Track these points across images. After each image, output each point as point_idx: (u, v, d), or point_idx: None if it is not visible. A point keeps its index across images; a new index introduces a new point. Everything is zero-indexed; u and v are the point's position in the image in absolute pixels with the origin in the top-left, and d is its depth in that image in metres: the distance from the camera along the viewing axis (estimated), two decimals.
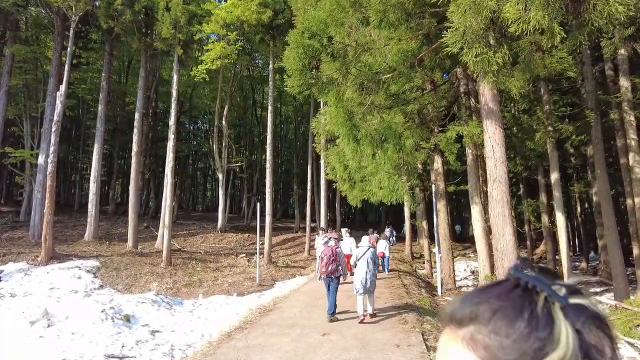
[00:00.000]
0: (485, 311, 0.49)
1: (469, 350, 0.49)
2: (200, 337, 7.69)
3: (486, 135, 7.24)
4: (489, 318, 0.48)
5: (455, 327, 0.51)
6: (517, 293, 0.49)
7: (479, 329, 0.49)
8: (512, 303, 0.48)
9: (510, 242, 6.77)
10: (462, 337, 0.50)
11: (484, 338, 0.48)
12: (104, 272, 16.45)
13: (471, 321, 0.50)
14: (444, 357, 0.52)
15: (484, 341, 0.48)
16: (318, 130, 10.44)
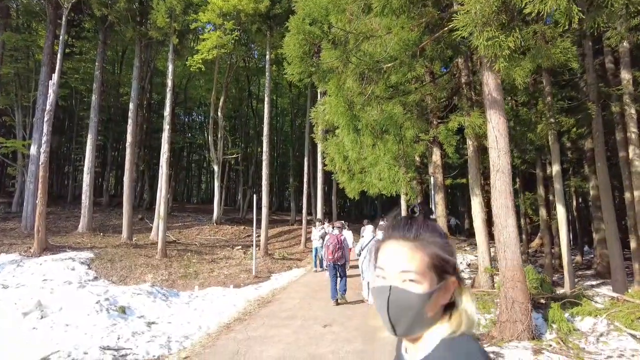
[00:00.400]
0: (423, 232, 0.91)
1: (429, 254, 0.89)
2: (197, 329, 7.57)
3: (489, 125, 7.12)
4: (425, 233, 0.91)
5: (409, 242, 0.90)
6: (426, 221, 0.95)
7: (426, 239, 0.90)
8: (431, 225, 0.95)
9: (513, 234, 6.69)
10: (414, 245, 0.90)
11: (426, 244, 0.90)
12: (98, 263, 16.26)
13: (416, 237, 0.91)
14: (407, 262, 0.88)
15: (426, 245, 0.89)
16: (317, 121, 10.28)
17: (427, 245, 0.89)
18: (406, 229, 0.91)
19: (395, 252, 0.89)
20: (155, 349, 6.37)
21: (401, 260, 0.87)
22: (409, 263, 0.87)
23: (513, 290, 6.51)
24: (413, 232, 0.90)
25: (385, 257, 0.91)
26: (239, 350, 4.98)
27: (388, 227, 0.96)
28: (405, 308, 0.85)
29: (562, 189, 10.23)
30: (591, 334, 6.54)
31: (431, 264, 0.87)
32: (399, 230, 0.92)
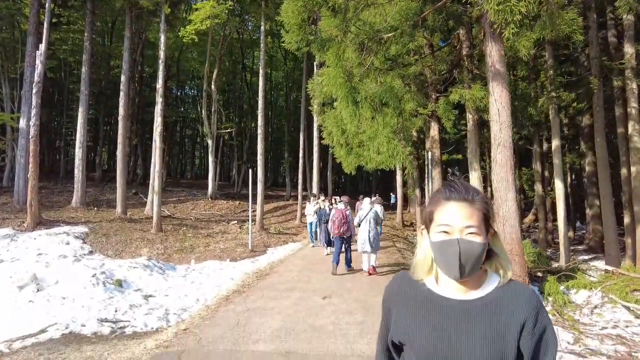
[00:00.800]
0: (475, 193, 1.10)
1: (482, 210, 1.08)
2: (195, 302, 7.58)
3: (492, 98, 6.98)
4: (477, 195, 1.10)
5: (468, 202, 1.08)
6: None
7: (479, 200, 1.09)
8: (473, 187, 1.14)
9: (513, 208, 6.67)
10: (472, 205, 1.08)
11: (479, 203, 1.08)
12: (93, 238, 16.19)
13: (473, 199, 1.09)
14: (469, 218, 1.06)
15: (479, 204, 1.08)
16: (314, 93, 10.03)
17: (480, 204, 1.08)
18: (464, 192, 1.09)
19: (459, 211, 1.06)
20: (153, 321, 6.37)
21: (465, 217, 1.05)
22: (470, 219, 1.05)
23: (511, 263, 6.53)
24: (470, 194, 1.09)
25: (449, 215, 1.07)
26: (238, 321, 4.97)
27: (446, 190, 1.12)
28: (471, 255, 1.03)
29: (560, 163, 10.19)
30: (586, 306, 6.63)
31: (483, 219, 1.08)
32: (458, 192, 1.09)
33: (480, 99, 8.31)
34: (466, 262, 1.03)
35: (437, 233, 1.07)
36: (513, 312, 1.05)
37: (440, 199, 1.11)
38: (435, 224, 1.09)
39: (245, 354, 3.92)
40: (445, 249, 1.05)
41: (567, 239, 9.97)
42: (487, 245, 1.09)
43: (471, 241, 1.04)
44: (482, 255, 1.05)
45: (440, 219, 1.08)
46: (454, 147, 21.96)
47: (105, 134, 34.62)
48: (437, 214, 1.10)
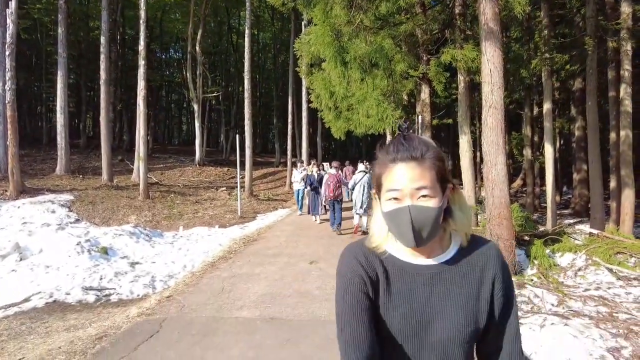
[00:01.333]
0: (425, 149, 0.96)
1: (434, 167, 0.95)
2: (182, 268, 7.51)
3: (484, 57, 6.72)
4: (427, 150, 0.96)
5: (417, 161, 0.95)
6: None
7: (429, 156, 0.95)
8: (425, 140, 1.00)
9: (502, 172, 6.57)
10: (421, 163, 0.94)
11: (430, 160, 0.95)
12: (79, 206, 15.95)
13: (422, 156, 0.95)
14: (419, 180, 0.93)
15: (430, 161, 0.95)
16: (301, 53, 9.61)
17: (431, 161, 0.95)
18: (411, 149, 0.95)
19: (407, 173, 0.94)
20: (139, 288, 6.30)
21: (414, 179, 0.93)
22: (421, 181, 0.93)
23: (499, 227, 6.52)
24: (419, 151, 0.95)
25: (396, 179, 0.94)
26: (223, 288, 4.90)
27: (391, 149, 0.98)
28: (426, 222, 0.92)
29: (551, 127, 10.07)
30: (570, 268, 6.70)
31: (437, 177, 0.95)
32: (404, 151, 0.96)
33: (472, 59, 8.04)
34: (421, 229, 0.93)
35: (387, 201, 0.96)
36: (483, 269, 1.01)
37: (386, 161, 0.98)
38: (384, 189, 0.97)
39: (228, 320, 3.86)
40: (397, 218, 0.94)
41: (554, 203, 10.02)
42: (447, 204, 1.00)
43: (424, 206, 0.93)
44: (438, 219, 0.95)
45: (387, 184, 0.96)
46: (445, 112, 21.71)
47: (89, 100, 33.52)
48: (384, 178, 0.98)
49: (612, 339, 4.44)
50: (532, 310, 5.01)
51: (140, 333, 3.64)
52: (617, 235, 7.31)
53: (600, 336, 4.46)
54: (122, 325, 3.92)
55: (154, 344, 3.40)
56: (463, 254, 1.02)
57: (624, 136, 10.31)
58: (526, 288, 5.42)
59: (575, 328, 4.55)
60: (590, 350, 4.22)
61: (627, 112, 10.23)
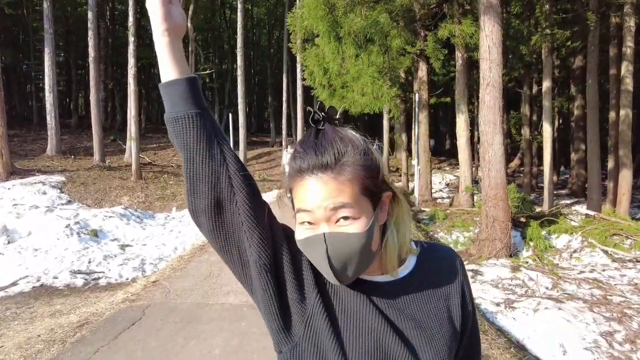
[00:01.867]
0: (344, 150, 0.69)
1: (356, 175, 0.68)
2: (173, 251, 7.40)
3: (482, 33, 6.45)
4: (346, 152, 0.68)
5: (329, 170, 0.67)
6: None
7: (349, 162, 0.68)
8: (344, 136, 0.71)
9: (499, 152, 6.41)
10: (337, 174, 0.67)
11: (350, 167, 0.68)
12: (70, 187, 15.76)
13: (339, 161, 0.68)
14: (336, 196, 0.66)
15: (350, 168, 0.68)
16: (294, 28, 9.25)
17: (353, 168, 0.69)
18: (320, 153, 0.69)
19: (318, 188, 0.68)
20: (128, 272, 6.18)
21: (328, 196, 0.67)
22: (339, 197, 0.68)
23: (495, 208, 6.40)
24: (330, 156, 0.68)
25: (306, 196, 0.68)
26: (211, 272, 4.79)
27: (297, 154, 0.71)
28: (348, 254, 0.68)
29: (550, 106, 9.85)
30: (565, 250, 6.63)
31: (362, 189, 0.70)
32: (311, 157, 0.69)
33: (471, 35, 7.75)
34: (343, 263, 0.68)
35: (300, 225, 0.70)
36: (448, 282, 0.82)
37: (294, 172, 0.70)
38: (296, 209, 0.71)
39: (213, 307, 3.74)
40: (310, 250, 0.70)
41: (552, 184, 9.90)
42: (383, 217, 0.75)
43: (344, 233, 0.68)
44: (366, 248, 0.69)
45: (297, 201, 0.70)
46: (442, 90, 21.38)
47: (79, 78, 32.79)
48: (295, 192, 0.71)
49: (606, 323, 4.38)
50: (527, 293, 4.94)
51: (123, 320, 3.52)
52: (613, 217, 7.22)
53: (593, 320, 4.40)
54: (105, 312, 3.81)
55: (135, 332, 3.28)
56: (424, 265, 0.81)
57: (623, 115, 10.12)
58: (521, 271, 5.34)
59: (569, 312, 4.47)
60: (584, 334, 4.15)
61: (628, 90, 10.01)
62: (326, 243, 0.67)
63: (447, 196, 18.45)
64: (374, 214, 0.71)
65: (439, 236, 7.60)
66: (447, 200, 16.29)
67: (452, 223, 7.90)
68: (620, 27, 10.32)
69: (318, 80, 9.25)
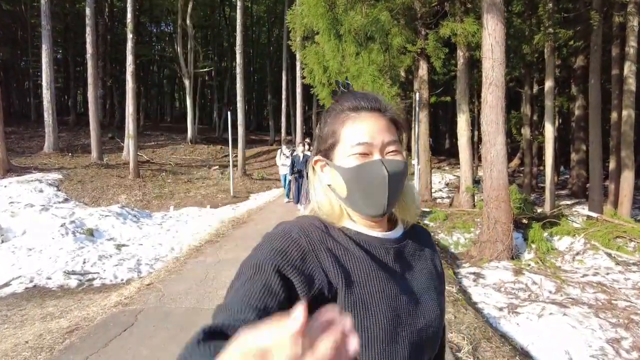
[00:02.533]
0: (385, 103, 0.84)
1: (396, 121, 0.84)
2: (169, 251, 7.28)
3: (485, 32, 6.33)
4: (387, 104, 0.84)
5: (381, 113, 0.82)
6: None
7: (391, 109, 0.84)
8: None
9: (502, 152, 6.29)
10: (390, 118, 0.83)
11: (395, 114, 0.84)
12: (67, 185, 15.64)
13: (385, 109, 0.83)
14: (387, 131, 0.81)
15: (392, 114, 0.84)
16: (294, 25, 9.11)
17: (393, 114, 0.84)
18: (373, 100, 0.83)
19: (376, 124, 0.81)
20: (123, 272, 6.06)
21: (383, 131, 0.81)
22: (389, 133, 0.82)
23: (496, 210, 6.29)
24: (381, 101, 0.84)
25: (365, 130, 0.80)
26: (207, 275, 4.67)
27: (350, 98, 0.84)
28: (399, 179, 0.80)
29: (552, 105, 9.73)
30: (568, 253, 6.52)
31: (399, 134, 0.85)
32: (367, 100, 0.83)
33: (473, 34, 7.62)
34: (394, 190, 0.78)
35: (349, 157, 0.78)
36: (429, 246, 0.92)
37: (346, 111, 0.81)
38: (345, 145, 0.79)
39: (208, 313, 3.61)
40: (368, 175, 0.77)
41: (553, 185, 9.78)
42: None
43: (397, 160, 0.79)
44: (406, 175, 0.82)
45: (352, 137, 0.79)
46: (443, 90, 21.27)
47: (78, 75, 32.57)
48: (345, 131, 0.80)
49: (612, 329, 4.27)
50: (530, 298, 4.83)
51: (114, 326, 3.40)
52: (616, 219, 7.11)
53: (599, 326, 4.29)
54: (97, 316, 3.68)
55: (126, 339, 3.16)
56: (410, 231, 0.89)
57: (625, 116, 10.02)
58: (523, 274, 5.23)
59: (574, 317, 4.37)
60: (590, 341, 4.04)
61: (631, 90, 9.90)
62: (386, 167, 0.76)
63: (447, 196, 18.33)
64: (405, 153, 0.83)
65: (439, 237, 7.49)
66: (447, 200, 16.16)
67: (452, 224, 7.79)
68: (624, 26, 10.21)
69: (318, 78, 9.11)
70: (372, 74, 7.69)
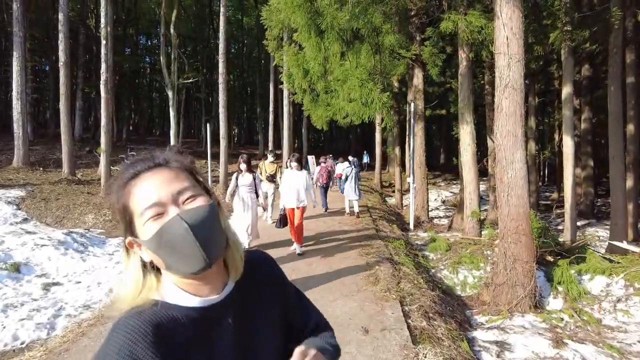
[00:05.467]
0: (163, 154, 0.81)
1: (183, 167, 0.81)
2: (108, 293, 5.83)
3: (499, 21, 5.08)
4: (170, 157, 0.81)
5: (162, 166, 0.78)
6: None
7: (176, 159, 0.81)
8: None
9: (521, 172, 4.97)
10: (176, 166, 0.79)
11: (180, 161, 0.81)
12: (29, 203, 14.21)
13: (167, 162, 0.79)
14: (175, 182, 0.76)
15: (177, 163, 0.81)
16: (269, 23, 7.89)
17: (177, 162, 0.80)
18: (151, 158, 0.79)
19: (159, 180, 0.75)
20: (28, 331, 4.56)
21: (169, 182, 0.75)
22: (179, 182, 0.76)
23: (516, 244, 4.94)
24: (159, 157, 0.79)
25: (149, 190, 0.74)
26: None
27: (127, 168, 0.78)
28: (205, 225, 0.73)
29: (571, 115, 8.49)
30: (605, 298, 5.15)
31: (193, 178, 0.80)
32: (143, 161, 0.79)
33: (479, 29, 6.38)
34: (205, 238, 0.71)
35: (146, 225, 0.72)
36: (272, 286, 0.90)
37: (127, 181, 0.76)
38: (138, 214, 0.73)
39: None
40: (170, 236, 0.70)
41: (574, 210, 8.45)
42: (219, 205, 0.80)
43: (195, 208, 0.73)
44: (217, 220, 0.76)
45: (140, 203, 0.73)
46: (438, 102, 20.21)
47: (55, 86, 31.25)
48: (132, 201, 0.75)
49: None
50: None
51: None
52: None
53: None
54: None
55: None
56: (241, 281, 0.83)
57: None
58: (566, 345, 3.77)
59: None
60: None
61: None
62: (184, 219, 0.70)
63: (445, 215, 16.99)
64: (211, 197, 0.79)
65: (442, 275, 6.11)
66: (445, 220, 14.82)
67: (457, 257, 6.42)
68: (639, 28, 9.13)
69: (297, 83, 7.85)
70: (358, 77, 6.42)
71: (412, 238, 8.75)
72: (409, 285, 4.44)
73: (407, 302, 3.87)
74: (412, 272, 5.14)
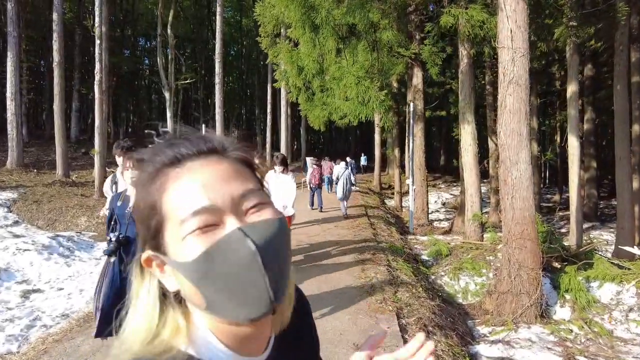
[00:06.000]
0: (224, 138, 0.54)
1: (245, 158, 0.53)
2: (87, 302, 5.52)
3: (502, 13, 4.79)
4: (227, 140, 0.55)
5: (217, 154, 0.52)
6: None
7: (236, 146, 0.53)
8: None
9: (526, 173, 4.68)
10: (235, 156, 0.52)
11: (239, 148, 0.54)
12: (21, 205, 13.96)
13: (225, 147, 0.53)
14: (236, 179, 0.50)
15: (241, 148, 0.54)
16: (263, 19, 7.62)
17: (237, 149, 0.53)
18: (202, 140, 0.51)
19: (213, 172, 0.49)
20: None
21: (231, 180, 0.50)
22: (242, 182, 0.51)
23: (521, 250, 4.64)
24: (215, 140, 0.53)
25: (199, 187, 0.48)
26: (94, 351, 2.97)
27: (165, 147, 0.51)
28: (279, 249, 0.49)
29: (577, 114, 8.20)
30: (616, 307, 4.85)
31: (255, 175, 0.55)
32: (192, 143, 0.51)
33: (480, 24, 6.10)
34: (275, 265, 0.46)
35: (187, 239, 0.46)
36: (307, 339, 0.68)
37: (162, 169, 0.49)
38: (176, 221, 0.47)
39: None
40: (226, 260, 0.45)
41: (580, 213, 8.14)
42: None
43: (264, 220, 0.48)
44: (289, 244, 0.51)
45: (181, 207, 0.47)
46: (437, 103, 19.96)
47: None
48: (168, 200, 0.48)
49: None
50: None
51: None
52: None
53: None
54: None
55: None
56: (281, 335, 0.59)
57: None
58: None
59: None
60: None
61: None
62: (250, 237, 0.45)
63: (445, 217, 16.70)
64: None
65: (443, 281, 5.81)
66: (445, 223, 14.54)
67: (458, 263, 6.12)
68: None
69: (292, 81, 7.57)
70: (355, 74, 6.14)
71: (411, 241, 8.45)
72: (407, 294, 4.14)
73: (404, 314, 3.57)
74: (410, 280, 4.84)
